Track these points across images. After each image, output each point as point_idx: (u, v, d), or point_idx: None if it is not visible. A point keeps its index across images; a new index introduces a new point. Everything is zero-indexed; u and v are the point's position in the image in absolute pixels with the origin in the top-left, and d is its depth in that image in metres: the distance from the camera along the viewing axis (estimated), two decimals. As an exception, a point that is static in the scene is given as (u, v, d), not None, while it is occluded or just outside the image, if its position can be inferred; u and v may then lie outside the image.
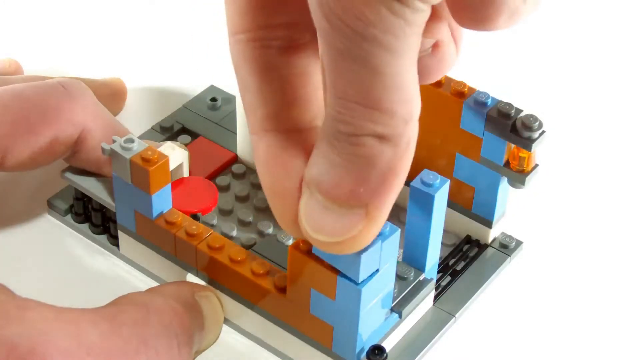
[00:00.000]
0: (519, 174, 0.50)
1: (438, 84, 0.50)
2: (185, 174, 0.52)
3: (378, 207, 0.34)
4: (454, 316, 0.50)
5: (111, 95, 0.58)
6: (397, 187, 0.34)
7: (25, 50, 0.64)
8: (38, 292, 0.42)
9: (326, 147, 0.33)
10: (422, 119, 0.51)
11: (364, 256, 0.41)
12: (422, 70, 0.35)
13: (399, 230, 0.42)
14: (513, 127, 0.48)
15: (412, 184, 0.45)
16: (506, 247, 0.53)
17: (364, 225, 0.34)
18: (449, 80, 0.50)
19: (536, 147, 0.49)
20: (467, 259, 0.52)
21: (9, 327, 0.39)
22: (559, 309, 0.51)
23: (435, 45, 0.36)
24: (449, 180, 0.45)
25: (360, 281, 0.41)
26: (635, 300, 0.52)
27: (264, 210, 0.53)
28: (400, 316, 0.46)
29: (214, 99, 0.60)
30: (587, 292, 0.52)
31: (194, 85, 0.62)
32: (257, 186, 0.54)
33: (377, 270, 0.42)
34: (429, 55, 0.36)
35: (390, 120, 0.32)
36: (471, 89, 0.50)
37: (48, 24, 0.68)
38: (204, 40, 0.67)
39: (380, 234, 0.42)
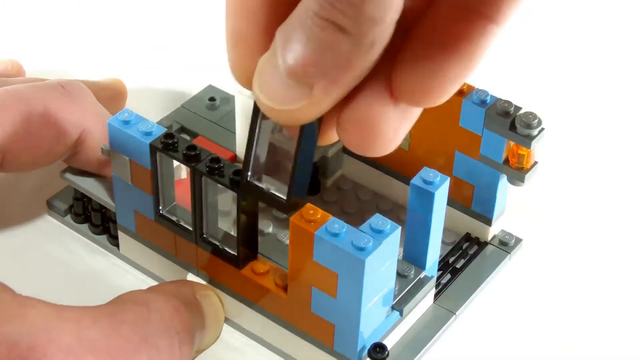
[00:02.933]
0: (518, 172, 0.50)
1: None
2: (184, 174, 0.52)
3: (322, 91, 0.35)
4: (455, 314, 0.50)
5: (111, 97, 0.58)
6: (347, 81, 0.35)
7: (26, 52, 0.64)
8: (38, 292, 0.42)
9: (297, 19, 0.34)
10: (421, 117, 0.51)
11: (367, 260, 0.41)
12: None
13: (399, 228, 0.42)
14: (512, 125, 0.48)
15: (412, 181, 0.45)
16: (506, 244, 0.53)
17: (305, 103, 0.35)
18: (448, 78, 0.50)
19: (535, 145, 0.49)
20: (467, 256, 0.52)
21: (10, 325, 0.39)
22: (559, 306, 0.51)
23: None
24: (449, 178, 0.45)
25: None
26: (633, 296, 0.52)
27: (264, 210, 0.53)
28: (401, 314, 0.46)
29: (212, 99, 0.60)
30: (586, 289, 0.52)
31: (192, 85, 0.62)
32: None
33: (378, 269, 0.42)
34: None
35: (357, 16, 0.33)
36: (470, 87, 0.50)
37: (49, 26, 0.68)
38: (201, 39, 0.67)
39: (380, 232, 0.42)
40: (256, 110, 0.39)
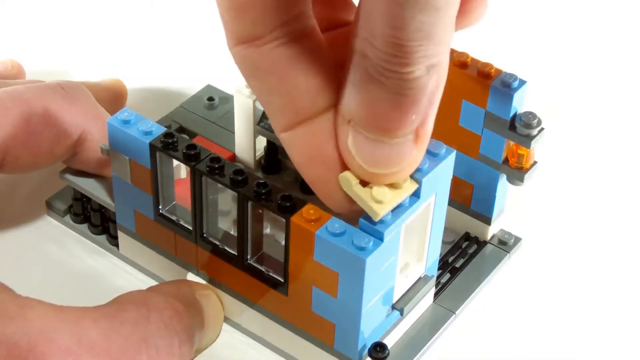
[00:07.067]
0: (517, 171, 0.50)
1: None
2: (184, 174, 0.52)
3: (426, 129, 0.36)
4: (454, 313, 0.50)
5: (111, 98, 0.58)
6: (438, 104, 0.37)
7: (26, 52, 0.64)
8: (38, 292, 0.42)
9: (369, 86, 0.35)
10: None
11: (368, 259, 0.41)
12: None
13: (400, 227, 0.42)
14: (512, 124, 0.48)
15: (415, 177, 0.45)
16: (505, 243, 0.53)
17: (416, 149, 0.37)
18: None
19: (535, 145, 0.49)
20: (467, 255, 0.52)
21: (10, 326, 0.39)
22: (558, 305, 0.51)
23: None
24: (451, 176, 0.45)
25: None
26: (633, 296, 0.52)
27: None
28: (401, 313, 0.46)
29: (211, 99, 0.60)
30: (585, 288, 0.52)
31: (190, 84, 0.62)
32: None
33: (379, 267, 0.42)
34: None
35: (441, 49, 0.34)
36: (469, 86, 0.50)
37: (49, 26, 0.68)
38: (200, 39, 0.67)
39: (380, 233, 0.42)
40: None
